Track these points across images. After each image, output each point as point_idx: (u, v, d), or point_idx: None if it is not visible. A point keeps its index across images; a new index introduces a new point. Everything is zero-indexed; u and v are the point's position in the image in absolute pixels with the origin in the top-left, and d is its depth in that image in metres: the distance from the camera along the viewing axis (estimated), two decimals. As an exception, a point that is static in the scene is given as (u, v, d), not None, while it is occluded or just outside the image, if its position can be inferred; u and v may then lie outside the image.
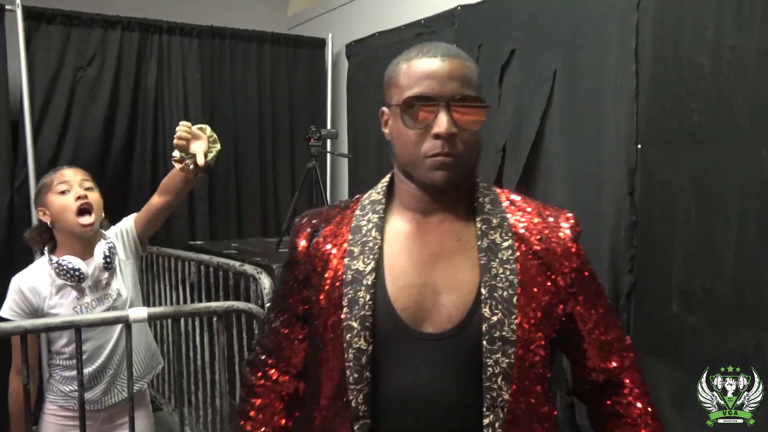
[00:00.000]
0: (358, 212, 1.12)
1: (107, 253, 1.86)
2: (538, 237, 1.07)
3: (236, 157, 4.35)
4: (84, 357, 1.78)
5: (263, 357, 1.21)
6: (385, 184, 1.16)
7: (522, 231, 1.07)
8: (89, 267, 1.86)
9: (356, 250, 1.06)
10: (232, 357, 2.50)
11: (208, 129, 1.85)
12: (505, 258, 1.02)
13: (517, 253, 1.04)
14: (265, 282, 2.01)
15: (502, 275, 1.01)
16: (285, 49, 4.51)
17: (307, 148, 3.75)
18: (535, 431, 1.02)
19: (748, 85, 2.24)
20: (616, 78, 2.66)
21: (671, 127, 2.49)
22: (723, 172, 2.32)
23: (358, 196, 1.19)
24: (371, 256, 1.05)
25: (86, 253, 1.88)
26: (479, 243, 1.05)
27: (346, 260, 1.05)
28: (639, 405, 1.13)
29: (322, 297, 1.07)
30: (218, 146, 1.84)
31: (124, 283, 1.92)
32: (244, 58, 4.36)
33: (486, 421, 0.98)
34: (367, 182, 4.33)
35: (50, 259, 1.87)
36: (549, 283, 1.05)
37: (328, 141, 3.96)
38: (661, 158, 2.53)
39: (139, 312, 1.71)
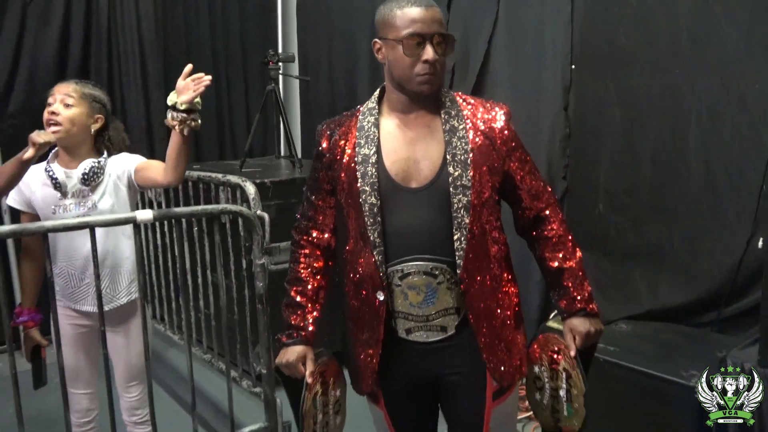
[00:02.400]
0: (360, 117, 1.56)
1: (86, 171, 2.03)
2: (482, 120, 1.54)
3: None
4: (58, 259, 2.01)
5: (305, 222, 1.68)
6: (377, 95, 1.59)
7: (471, 117, 1.54)
8: (73, 176, 2.04)
9: (362, 141, 1.53)
10: (228, 257, 2.71)
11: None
12: (460, 135, 1.51)
13: (470, 132, 1.51)
14: (251, 188, 2.23)
15: (459, 146, 1.49)
16: (235, -28, 4.55)
17: (260, 72, 3.87)
18: (488, 247, 1.52)
19: (668, 12, 2.58)
20: (553, 4, 2.94)
21: (601, 49, 2.82)
22: (644, 89, 2.69)
23: (359, 106, 1.60)
24: (372, 144, 1.52)
25: (73, 163, 2.06)
26: (443, 127, 1.52)
27: (356, 149, 1.53)
28: (560, 231, 1.62)
29: (342, 175, 1.54)
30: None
31: (106, 199, 2.06)
32: (195, -19, 4.40)
33: (455, 237, 1.47)
34: (318, 103, 4.58)
35: (48, 162, 2.07)
36: (492, 149, 1.53)
37: (281, 64, 4.09)
38: (592, 77, 2.87)
39: (146, 213, 1.92)
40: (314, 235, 1.66)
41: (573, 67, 2.92)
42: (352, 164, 1.51)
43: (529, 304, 2.97)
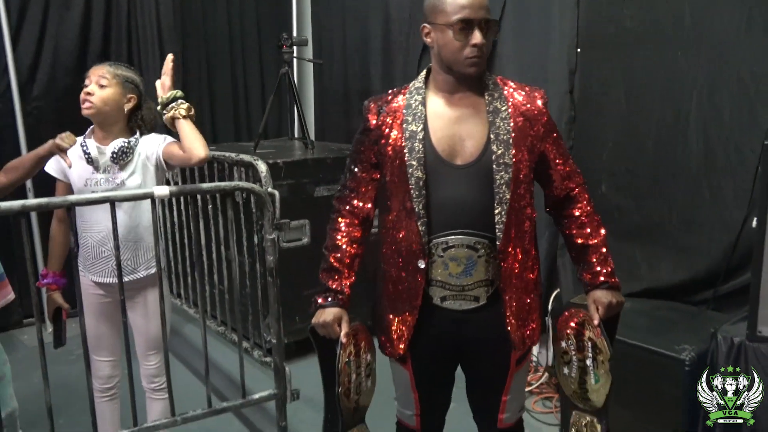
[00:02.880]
0: (407, 95, 1.66)
1: (116, 150, 2.13)
2: (522, 103, 1.64)
3: (208, 65, 4.55)
4: (82, 231, 2.13)
5: (346, 192, 1.77)
6: (423, 76, 1.69)
7: (512, 99, 1.63)
8: (105, 153, 2.15)
9: (410, 118, 1.62)
10: (241, 233, 2.83)
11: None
12: (503, 116, 1.60)
13: (511, 113, 1.61)
14: (262, 167, 2.33)
15: (502, 126, 1.59)
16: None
17: (275, 55, 3.96)
18: (523, 222, 1.63)
19: (670, -5, 2.62)
20: (559, -13, 2.99)
21: (607, 32, 2.87)
22: (647, 70, 2.74)
23: (406, 85, 1.71)
24: (420, 122, 1.61)
25: (106, 140, 2.17)
26: (487, 108, 1.61)
27: (404, 125, 1.62)
28: (587, 210, 1.74)
29: (390, 149, 1.63)
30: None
31: (134, 177, 2.15)
32: (211, -34, 4.50)
33: (496, 211, 1.58)
34: (332, 86, 4.66)
35: (86, 137, 2.20)
36: (530, 131, 1.63)
37: (295, 48, 4.18)
38: (597, 59, 2.92)
39: (162, 189, 2.03)
40: (355, 204, 1.75)
41: (579, 50, 2.97)
42: (400, 140, 1.61)
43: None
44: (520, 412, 1.88)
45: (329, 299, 1.72)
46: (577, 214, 1.74)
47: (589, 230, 1.73)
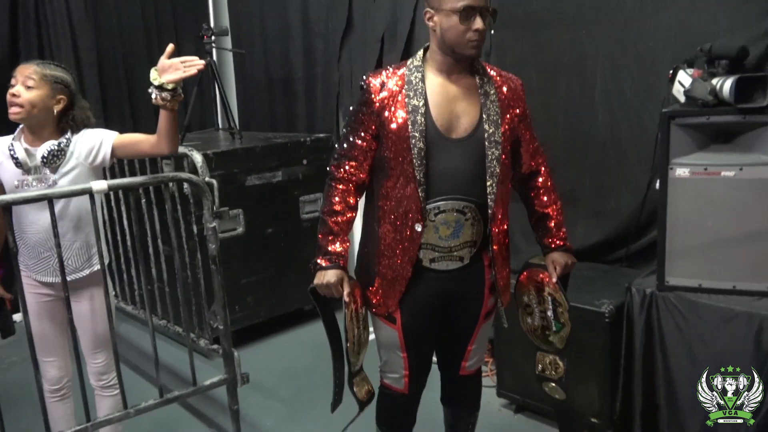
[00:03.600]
0: (406, 72, 1.81)
1: (45, 154, 2.09)
2: (505, 87, 1.85)
3: (124, 59, 4.45)
4: (21, 231, 2.09)
5: (344, 161, 1.88)
6: (420, 56, 1.84)
7: (498, 84, 1.83)
8: (34, 155, 2.11)
9: (411, 93, 1.78)
10: (167, 229, 2.85)
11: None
12: (492, 99, 1.80)
13: (498, 95, 1.81)
14: (198, 157, 2.35)
15: (492, 108, 1.79)
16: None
17: (194, 45, 3.94)
18: (505, 191, 1.86)
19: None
20: (472, -28, 3.13)
21: (516, 13, 3.04)
22: (554, 49, 2.93)
23: (402, 62, 1.87)
24: (421, 97, 1.77)
25: (36, 142, 2.13)
26: (479, 90, 1.81)
27: (406, 100, 1.77)
28: (547, 182, 2.00)
29: (394, 121, 1.77)
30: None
31: (66, 178, 2.11)
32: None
33: (488, 183, 1.78)
34: (253, 75, 4.67)
35: (14, 138, 2.13)
36: (513, 112, 1.85)
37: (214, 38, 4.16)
38: (510, 40, 3.10)
39: (100, 184, 2.04)
40: (352, 171, 1.87)
41: (492, 32, 3.13)
42: (403, 114, 1.76)
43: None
44: (480, 362, 2.11)
45: (331, 261, 1.85)
46: (538, 185, 1.99)
47: (547, 200, 1.99)
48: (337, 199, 1.87)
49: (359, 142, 1.85)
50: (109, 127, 2.26)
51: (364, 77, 1.85)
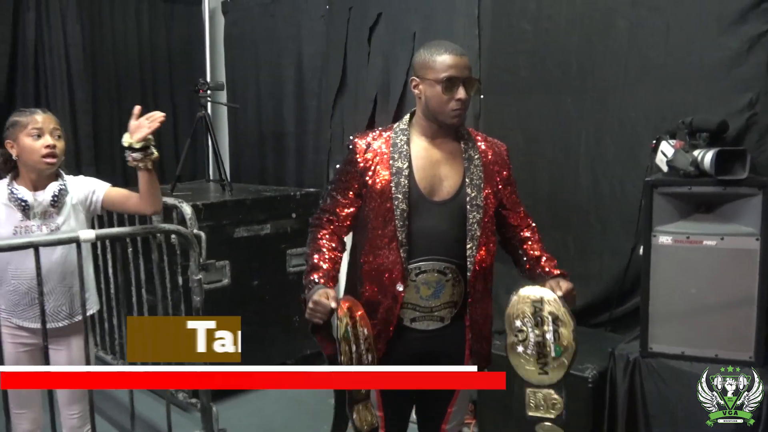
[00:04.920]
0: (392, 134, 1.86)
1: (56, 193, 2.14)
2: (489, 152, 1.90)
3: (119, 109, 4.50)
4: (9, 277, 2.09)
5: (327, 216, 1.91)
6: (407, 119, 1.89)
7: (482, 149, 1.89)
8: (39, 198, 2.14)
9: (396, 156, 1.82)
10: (164, 276, 2.84)
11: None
12: (476, 164, 1.85)
13: (482, 161, 1.85)
14: (187, 209, 2.37)
15: (475, 172, 1.84)
16: (162, 5, 4.68)
17: (188, 99, 4.03)
18: (488, 253, 1.86)
19: (559, 48, 2.93)
20: (463, 39, 3.24)
21: (505, 80, 3.14)
22: (540, 115, 3.02)
23: (390, 125, 1.91)
24: (405, 159, 1.82)
25: (40, 186, 2.15)
26: (463, 155, 1.85)
27: (390, 162, 1.82)
28: (538, 237, 1.99)
29: (378, 182, 1.82)
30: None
31: (69, 221, 2.16)
32: (122, 12, 4.49)
33: (468, 246, 1.81)
34: (246, 129, 4.74)
35: (9, 184, 2.15)
36: (497, 177, 1.89)
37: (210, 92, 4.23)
38: (498, 105, 3.18)
39: (88, 233, 2.05)
40: (335, 225, 1.90)
41: (482, 97, 3.22)
42: (387, 176, 1.81)
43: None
44: (460, 425, 2.07)
45: (315, 284, 1.79)
46: (529, 240, 1.98)
47: (539, 251, 1.97)
48: (321, 241, 1.87)
49: (343, 199, 1.89)
50: (99, 176, 2.31)
51: (351, 137, 1.91)
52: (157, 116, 2.02)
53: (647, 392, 2.31)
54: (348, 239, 1.97)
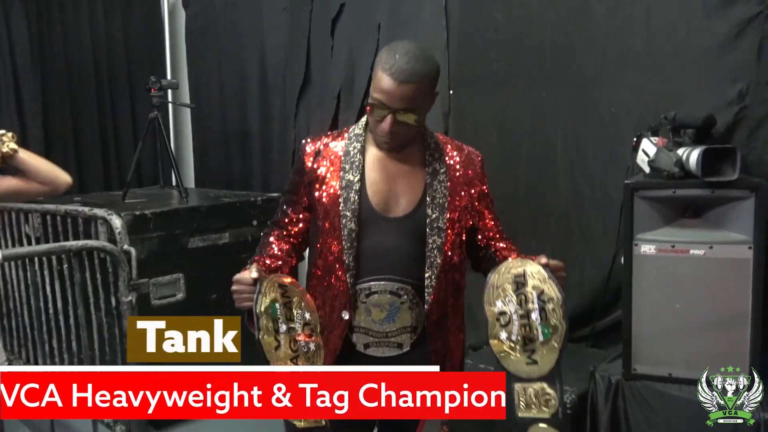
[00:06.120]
0: (346, 141, 1.64)
1: None
2: (461, 164, 1.65)
3: (72, 110, 4.25)
4: None
5: (278, 230, 1.72)
6: (363, 123, 1.65)
7: (451, 161, 1.64)
8: None
9: (347, 167, 1.60)
10: (87, 297, 2.61)
11: None
12: (441, 179, 1.61)
13: (450, 175, 1.61)
14: (117, 222, 2.14)
15: (439, 189, 1.60)
16: (118, -4, 4.44)
17: (149, 99, 3.78)
18: (452, 280, 1.63)
19: (532, 36, 2.70)
20: (430, 31, 3.01)
21: (476, 73, 2.91)
22: (514, 109, 2.80)
23: (345, 128, 1.69)
24: (357, 172, 1.60)
25: None
26: (426, 168, 1.61)
27: (341, 173, 1.60)
28: (510, 244, 1.73)
29: (325, 196, 1.61)
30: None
31: None
32: (74, 5, 4.23)
33: (426, 275, 1.59)
34: (210, 130, 4.49)
35: None
36: (466, 193, 1.64)
37: (169, 91, 4.00)
38: (469, 101, 2.96)
39: (-8, 254, 1.82)
40: (281, 242, 1.71)
41: (451, 92, 2.99)
42: (336, 189, 1.60)
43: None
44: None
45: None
46: (503, 246, 1.72)
47: (513, 250, 1.72)
48: (270, 246, 1.69)
49: (291, 213, 1.71)
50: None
51: (303, 141, 1.71)
52: None
53: (632, 419, 2.11)
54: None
